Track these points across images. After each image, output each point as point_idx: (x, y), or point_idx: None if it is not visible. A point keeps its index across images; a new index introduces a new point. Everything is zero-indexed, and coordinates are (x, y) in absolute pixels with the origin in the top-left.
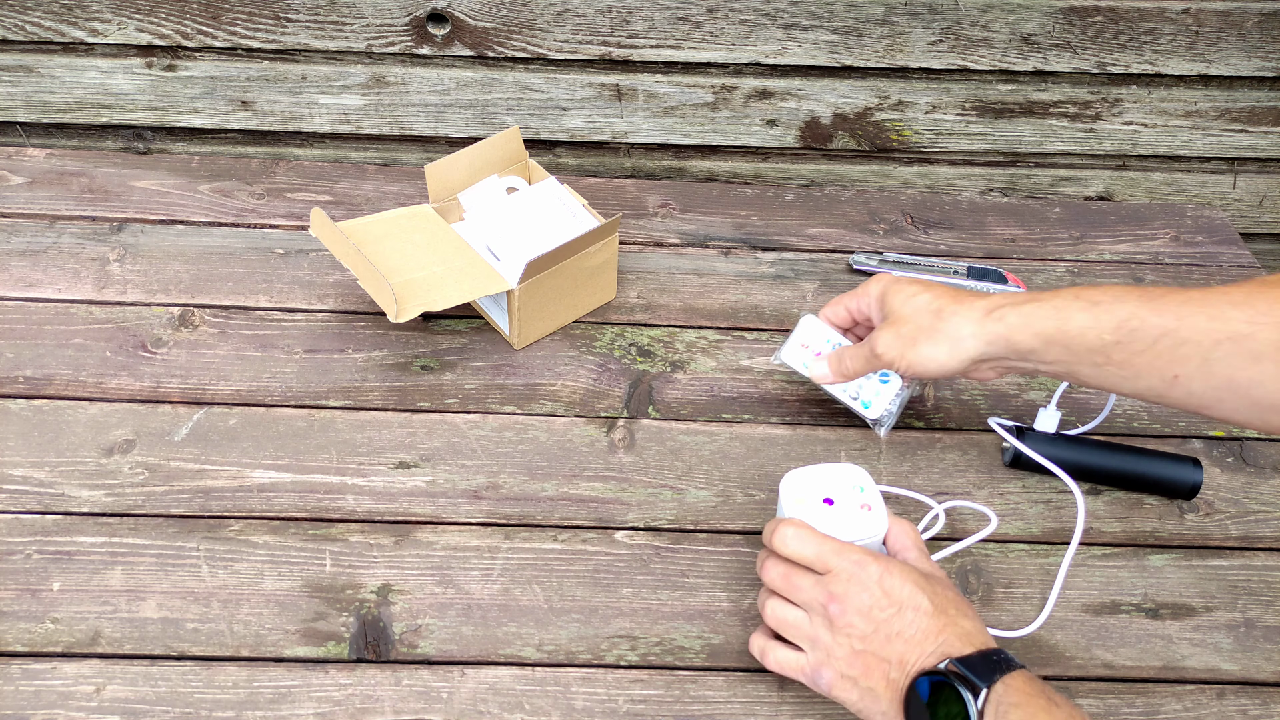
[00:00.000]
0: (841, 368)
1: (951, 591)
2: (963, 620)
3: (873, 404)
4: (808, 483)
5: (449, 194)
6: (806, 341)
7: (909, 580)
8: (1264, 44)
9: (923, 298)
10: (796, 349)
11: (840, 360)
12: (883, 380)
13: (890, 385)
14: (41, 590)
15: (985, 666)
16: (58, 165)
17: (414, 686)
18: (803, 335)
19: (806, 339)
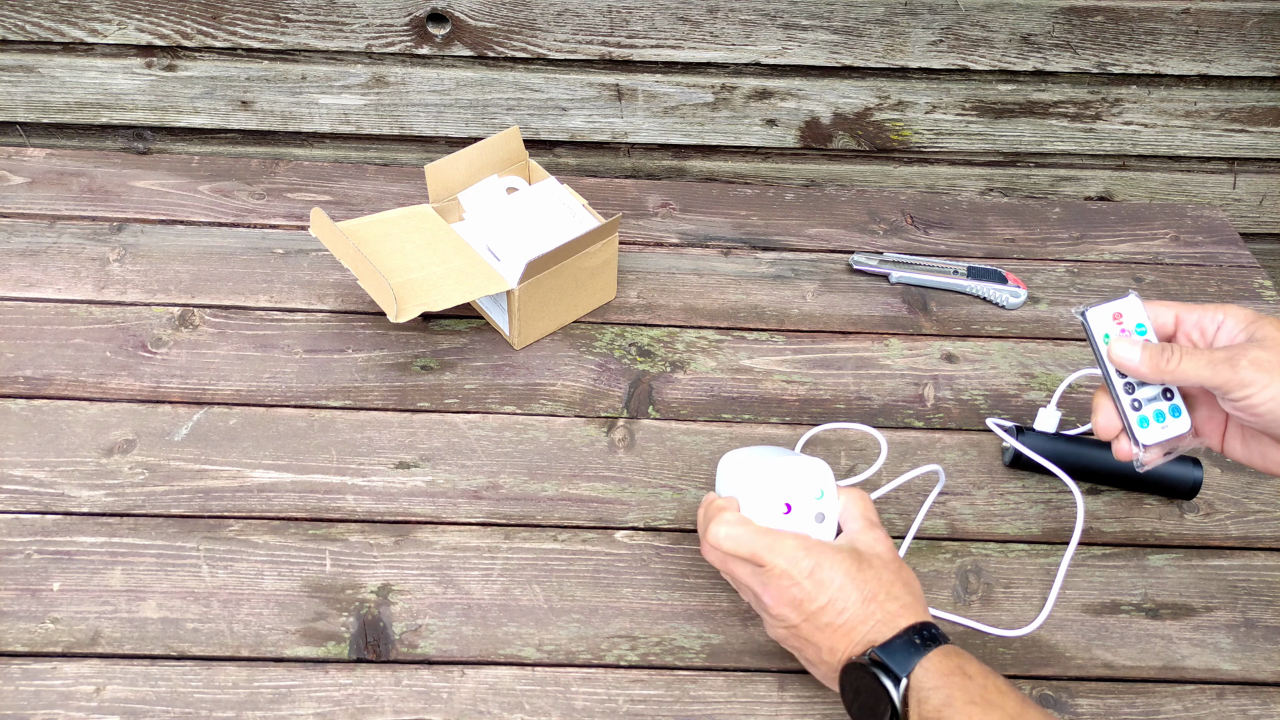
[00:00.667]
0: (1165, 362)
1: (887, 571)
2: (889, 603)
3: (1151, 428)
4: (770, 482)
5: (449, 194)
6: (1123, 312)
7: (840, 570)
8: (1264, 44)
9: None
10: (1107, 316)
11: (1167, 355)
12: (1174, 412)
13: (1180, 422)
14: (41, 590)
15: (905, 651)
16: (58, 165)
17: (414, 686)
18: (1122, 307)
19: (1125, 311)
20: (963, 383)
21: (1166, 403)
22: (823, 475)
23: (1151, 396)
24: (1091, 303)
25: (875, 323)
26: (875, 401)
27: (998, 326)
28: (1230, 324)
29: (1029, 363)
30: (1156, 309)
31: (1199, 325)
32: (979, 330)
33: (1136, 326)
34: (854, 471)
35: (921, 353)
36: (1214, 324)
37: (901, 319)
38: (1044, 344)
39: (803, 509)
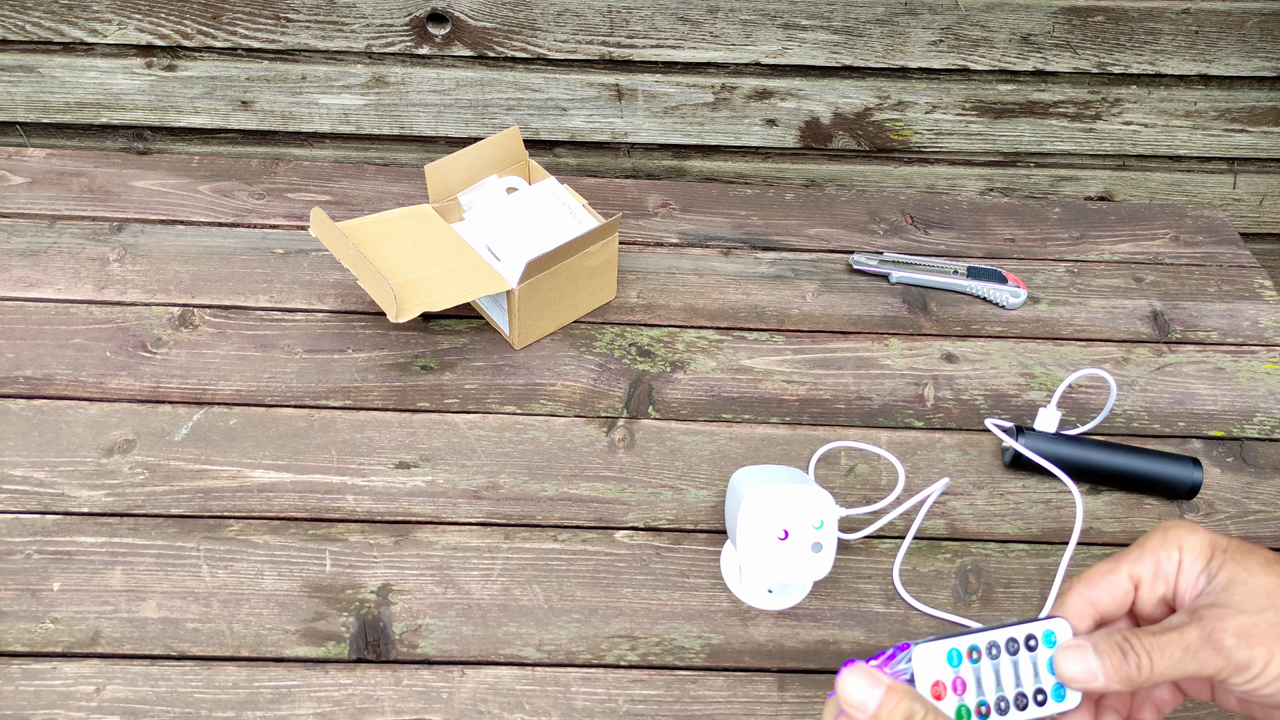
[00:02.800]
0: (1137, 670)
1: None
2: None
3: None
4: (769, 503)
5: (449, 194)
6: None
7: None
8: (1264, 44)
9: (1273, 575)
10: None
11: (1134, 658)
12: (1057, 695)
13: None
14: (41, 590)
15: None
16: (58, 165)
17: (414, 686)
18: (925, 672)
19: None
20: (963, 383)
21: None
22: (824, 505)
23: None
24: (927, 638)
25: (875, 323)
26: (875, 401)
27: (998, 326)
28: (1189, 561)
29: (1029, 363)
30: (1105, 579)
31: (1161, 578)
32: (979, 330)
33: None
34: (854, 472)
35: (921, 353)
36: (1173, 565)
37: (901, 319)
38: (1044, 344)
39: (800, 537)
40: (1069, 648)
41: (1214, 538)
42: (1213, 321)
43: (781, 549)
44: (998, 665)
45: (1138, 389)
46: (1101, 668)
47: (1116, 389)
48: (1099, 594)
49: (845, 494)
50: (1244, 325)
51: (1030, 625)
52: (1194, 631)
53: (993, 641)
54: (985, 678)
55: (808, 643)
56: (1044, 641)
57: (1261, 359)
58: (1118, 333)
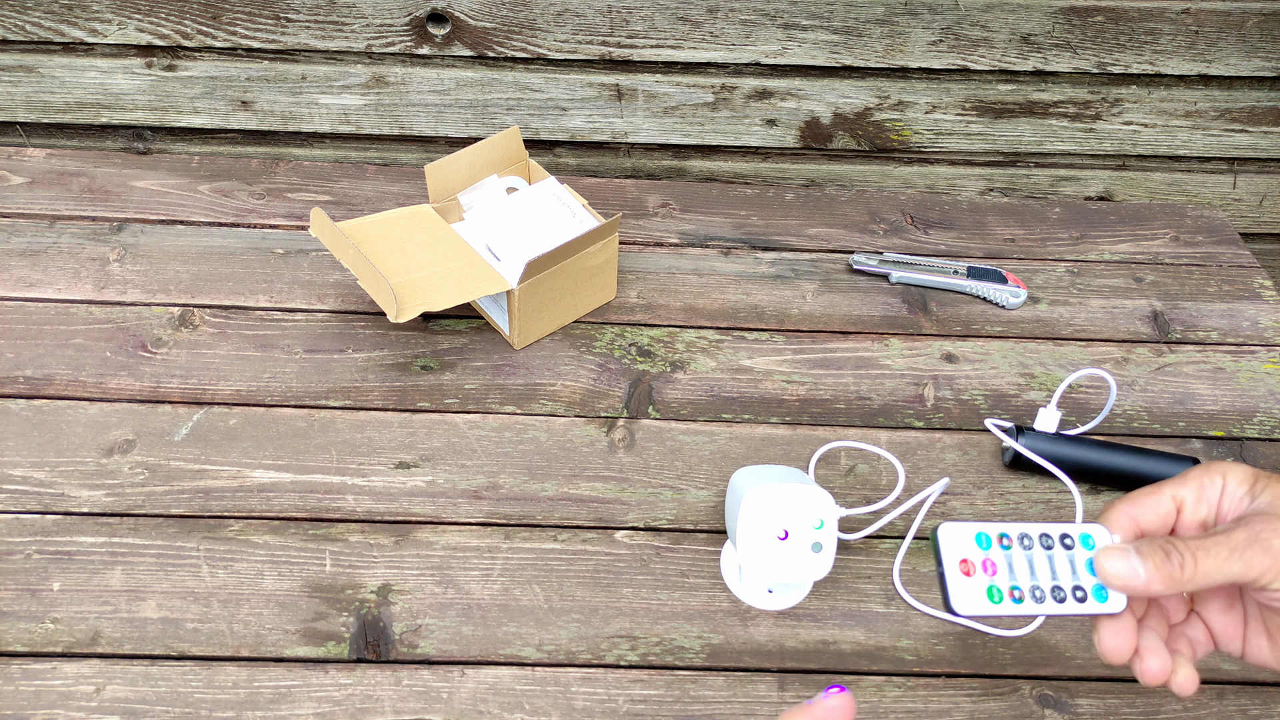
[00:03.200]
0: (1179, 569)
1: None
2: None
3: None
4: (769, 503)
5: (449, 194)
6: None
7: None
8: (1264, 44)
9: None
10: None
11: (1177, 557)
12: (1099, 595)
13: (1114, 599)
14: (41, 590)
15: None
16: (58, 165)
17: (414, 686)
18: (952, 549)
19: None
20: (963, 383)
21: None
22: (824, 505)
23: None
24: (961, 517)
25: (875, 323)
26: (875, 401)
27: (998, 326)
28: (1233, 486)
29: (1029, 363)
30: (1149, 498)
31: (1203, 500)
32: (979, 330)
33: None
34: (854, 472)
35: (921, 353)
36: (1215, 490)
37: (901, 319)
38: (1044, 344)
39: (800, 537)
40: (1111, 548)
41: (1256, 470)
42: (1213, 321)
43: (781, 549)
44: (1031, 556)
45: (1138, 389)
46: (1144, 567)
47: (1116, 389)
48: (1142, 511)
49: (845, 494)
50: (1244, 325)
51: (1067, 526)
52: (1241, 533)
53: (1024, 533)
54: (1019, 565)
55: (808, 643)
56: (1081, 543)
57: (1261, 359)
58: (1118, 333)
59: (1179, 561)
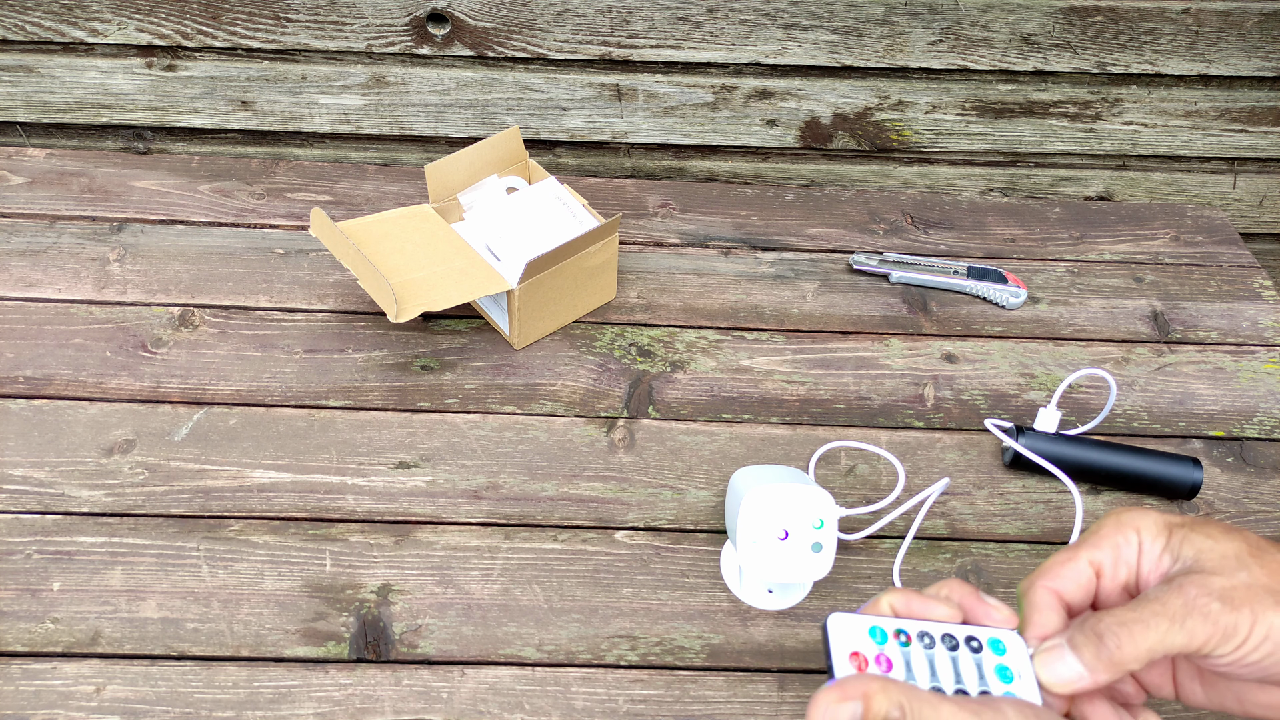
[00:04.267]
0: (1117, 649)
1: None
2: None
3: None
4: (769, 503)
5: (449, 194)
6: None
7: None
8: (1264, 44)
9: (1233, 541)
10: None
11: (1111, 640)
12: (1003, 675)
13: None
14: (41, 590)
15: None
16: (58, 165)
17: (414, 686)
18: (842, 640)
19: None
20: (963, 383)
21: (983, 659)
22: (824, 505)
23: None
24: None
25: (875, 323)
26: (875, 401)
27: (998, 326)
28: (1148, 542)
29: (1029, 363)
30: (1065, 568)
31: (1123, 564)
32: (979, 330)
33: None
34: (854, 472)
35: (921, 353)
36: (1132, 549)
37: (901, 319)
38: (1044, 344)
39: (800, 537)
40: (1044, 652)
41: (1168, 516)
42: (1213, 321)
43: (781, 549)
44: (932, 656)
45: (1138, 389)
46: (1083, 662)
47: (1116, 389)
48: (1063, 584)
49: (845, 494)
50: (1244, 325)
51: (975, 629)
52: (1176, 600)
53: (925, 631)
54: (917, 664)
55: (808, 643)
56: (990, 648)
57: (1261, 359)
58: (1118, 333)
59: (1115, 643)
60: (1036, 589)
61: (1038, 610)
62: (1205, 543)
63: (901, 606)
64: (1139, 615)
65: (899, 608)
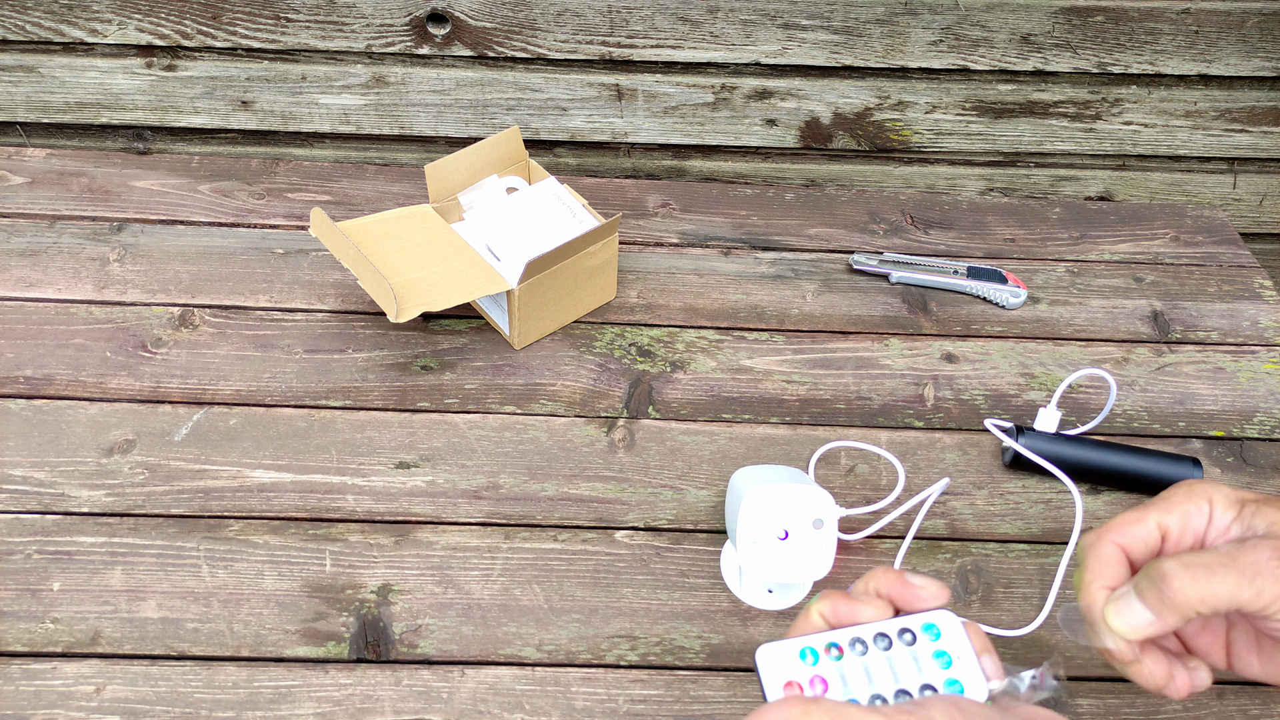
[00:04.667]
0: (1176, 592)
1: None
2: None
3: None
4: (769, 503)
5: (449, 194)
6: None
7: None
8: (1264, 44)
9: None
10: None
11: (1171, 578)
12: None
13: None
14: (41, 590)
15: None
16: (58, 165)
17: (414, 686)
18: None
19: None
20: (963, 383)
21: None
22: (824, 505)
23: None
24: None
25: (875, 323)
26: (875, 401)
27: (998, 326)
28: (1219, 512)
29: (1029, 363)
30: (1134, 526)
31: (1190, 530)
32: (979, 330)
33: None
34: (854, 472)
35: (921, 353)
36: (1203, 519)
37: (901, 319)
38: (1044, 344)
39: (800, 537)
40: (1114, 600)
41: (1241, 492)
42: (1213, 321)
43: (781, 549)
44: (866, 663)
45: (1138, 389)
46: (1149, 606)
47: (1116, 389)
48: (1129, 541)
49: (845, 494)
50: (1244, 325)
51: (904, 619)
52: (1248, 556)
53: (856, 638)
54: (853, 675)
55: None
56: (925, 633)
57: (1261, 359)
58: (1118, 333)
59: (1179, 584)
60: (1103, 542)
61: (1104, 563)
62: (1272, 513)
63: (830, 614)
64: (1206, 561)
65: (829, 616)
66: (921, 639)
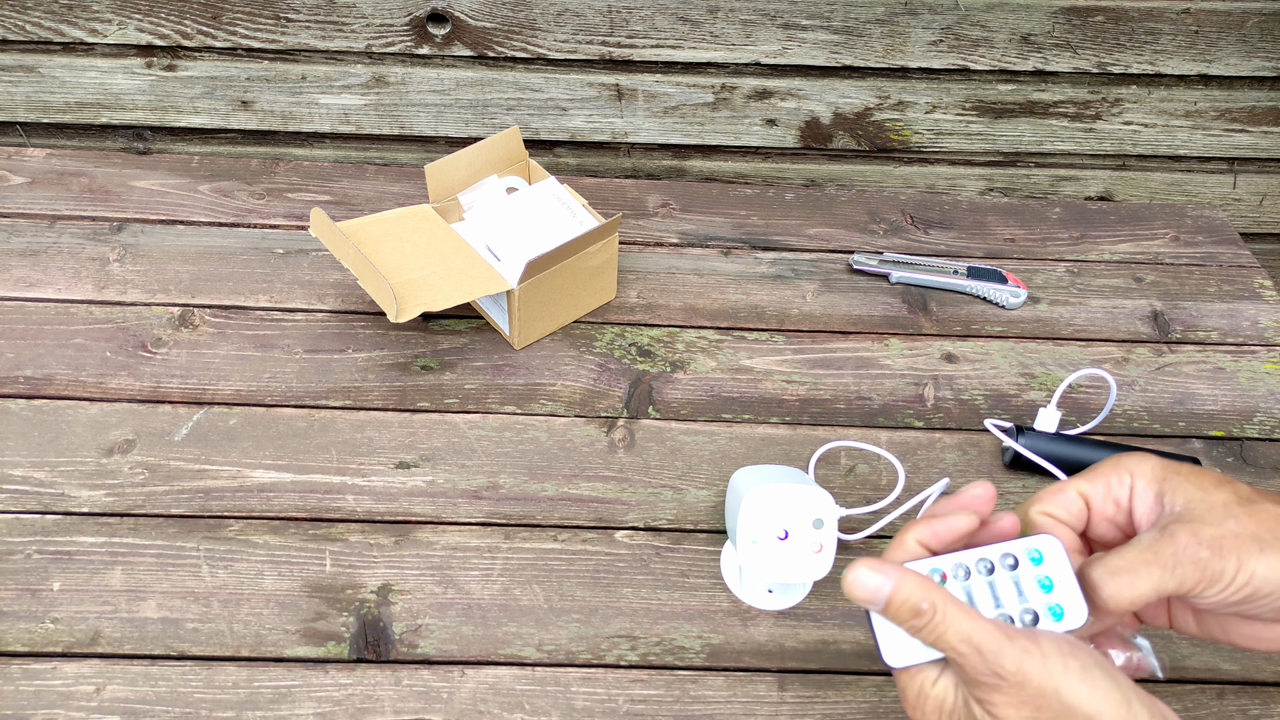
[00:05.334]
0: (1108, 597)
1: None
2: None
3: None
4: (769, 503)
5: (449, 194)
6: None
7: None
8: (1264, 44)
9: (1222, 492)
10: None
11: (1100, 586)
12: (1055, 616)
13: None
14: (41, 590)
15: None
16: (58, 165)
17: (414, 686)
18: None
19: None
20: (963, 383)
21: (1044, 598)
22: (824, 505)
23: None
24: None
25: (875, 323)
26: (875, 401)
27: (998, 326)
28: (1141, 486)
29: (1029, 363)
30: (1056, 496)
31: (1110, 498)
32: (979, 330)
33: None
34: (854, 472)
35: (921, 353)
36: (1125, 490)
37: (901, 319)
38: (1044, 344)
39: (800, 537)
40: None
41: (1164, 463)
42: (1213, 321)
43: (781, 549)
44: (969, 588)
45: (1138, 389)
46: (1106, 590)
47: (1116, 389)
48: (1054, 509)
49: (845, 494)
50: (1244, 325)
51: (1008, 545)
52: (1168, 548)
53: (960, 563)
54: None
55: (808, 643)
56: (1028, 560)
57: (1261, 359)
58: (1118, 333)
59: (1111, 592)
60: (1030, 513)
61: (1037, 530)
62: (1196, 493)
63: (927, 537)
64: (1130, 563)
65: (926, 541)
66: (1024, 564)
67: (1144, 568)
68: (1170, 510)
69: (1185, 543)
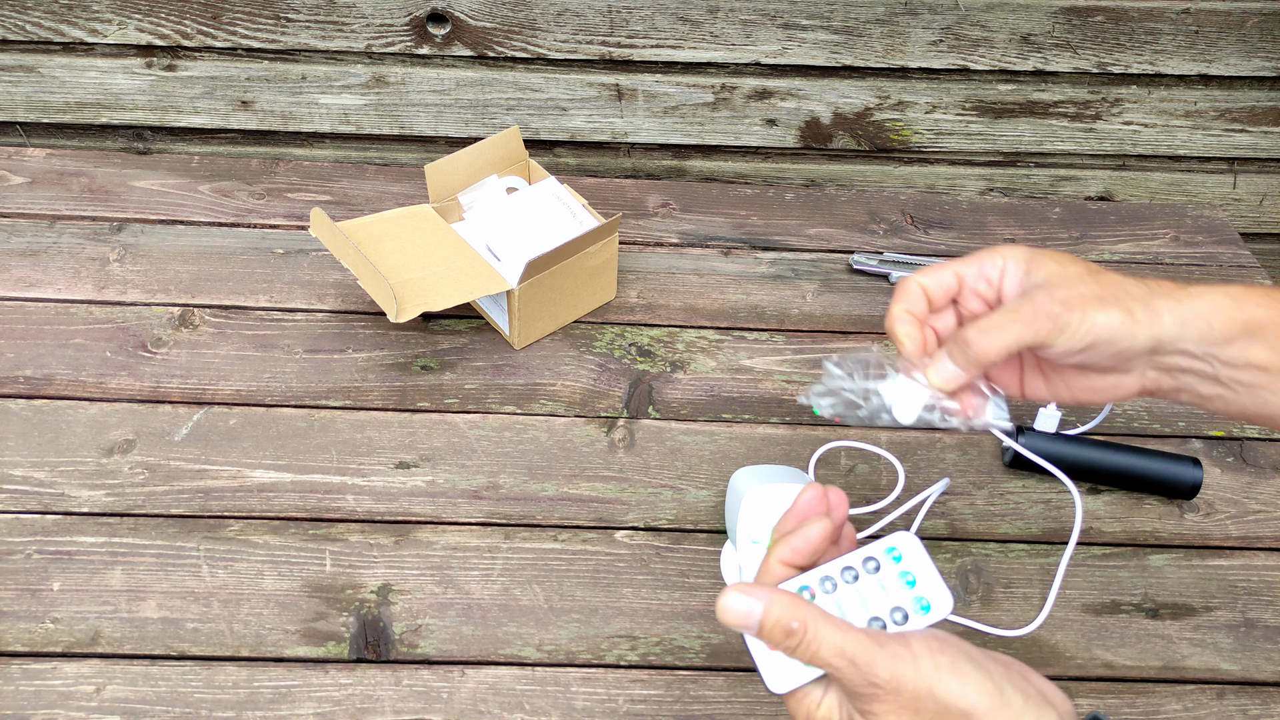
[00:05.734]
0: (978, 350)
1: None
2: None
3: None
4: (769, 503)
5: (449, 194)
6: (847, 385)
7: None
8: (1264, 44)
9: (1077, 266)
10: (844, 382)
11: (972, 342)
12: (923, 609)
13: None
14: (41, 590)
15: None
16: (58, 165)
17: (414, 686)
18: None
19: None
20: None
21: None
22: None
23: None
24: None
25: (875, 323)
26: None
27: None
28: (1011, 267)
29: None
30: (933, 272)
31: (983, 276)
32: None
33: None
34: (854, 472)
35: None
36: (997, 271)
37: None
38: None
39: None
40: (932, 362)
41: (1032, 249)
42: None
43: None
44: (838, 599)
45: None
46: (957, 364)
47: None
48: (929, 282)
49: (845, 494)
50: None
51: (867, 549)
52: (1027, 307)
53: (825, 576)
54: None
55: None
56: (888, 558)
57: None
58: None
59: (979, 345)
60: (909, 281)
61: (907, 294)
62: (1055, 267)
63: (789, 555)
64: (996, 322)
65: (789, 559)
66: (885, 564)
67: (1008, 324)
68: (1033, 282)
69: (1042, 301)
